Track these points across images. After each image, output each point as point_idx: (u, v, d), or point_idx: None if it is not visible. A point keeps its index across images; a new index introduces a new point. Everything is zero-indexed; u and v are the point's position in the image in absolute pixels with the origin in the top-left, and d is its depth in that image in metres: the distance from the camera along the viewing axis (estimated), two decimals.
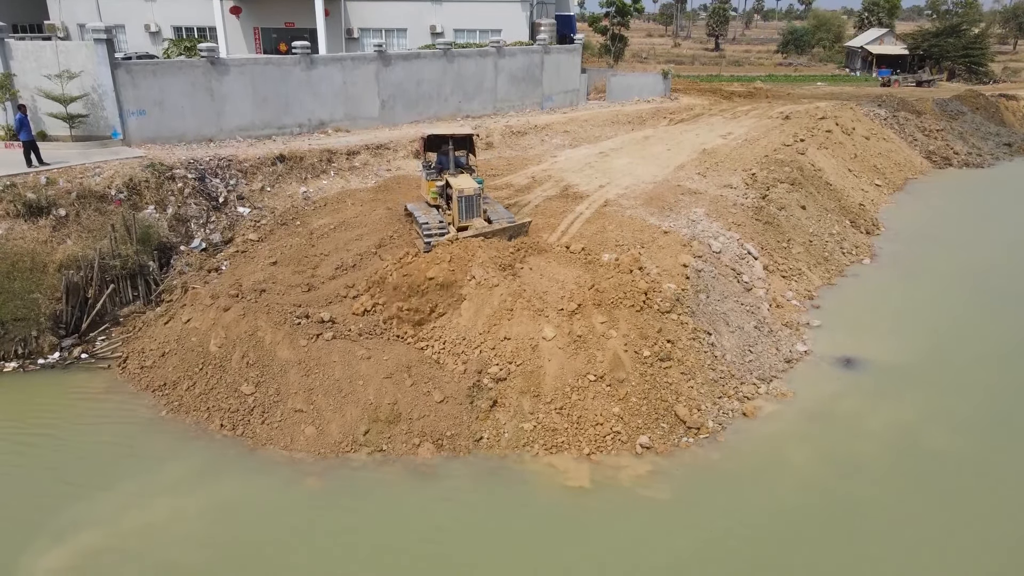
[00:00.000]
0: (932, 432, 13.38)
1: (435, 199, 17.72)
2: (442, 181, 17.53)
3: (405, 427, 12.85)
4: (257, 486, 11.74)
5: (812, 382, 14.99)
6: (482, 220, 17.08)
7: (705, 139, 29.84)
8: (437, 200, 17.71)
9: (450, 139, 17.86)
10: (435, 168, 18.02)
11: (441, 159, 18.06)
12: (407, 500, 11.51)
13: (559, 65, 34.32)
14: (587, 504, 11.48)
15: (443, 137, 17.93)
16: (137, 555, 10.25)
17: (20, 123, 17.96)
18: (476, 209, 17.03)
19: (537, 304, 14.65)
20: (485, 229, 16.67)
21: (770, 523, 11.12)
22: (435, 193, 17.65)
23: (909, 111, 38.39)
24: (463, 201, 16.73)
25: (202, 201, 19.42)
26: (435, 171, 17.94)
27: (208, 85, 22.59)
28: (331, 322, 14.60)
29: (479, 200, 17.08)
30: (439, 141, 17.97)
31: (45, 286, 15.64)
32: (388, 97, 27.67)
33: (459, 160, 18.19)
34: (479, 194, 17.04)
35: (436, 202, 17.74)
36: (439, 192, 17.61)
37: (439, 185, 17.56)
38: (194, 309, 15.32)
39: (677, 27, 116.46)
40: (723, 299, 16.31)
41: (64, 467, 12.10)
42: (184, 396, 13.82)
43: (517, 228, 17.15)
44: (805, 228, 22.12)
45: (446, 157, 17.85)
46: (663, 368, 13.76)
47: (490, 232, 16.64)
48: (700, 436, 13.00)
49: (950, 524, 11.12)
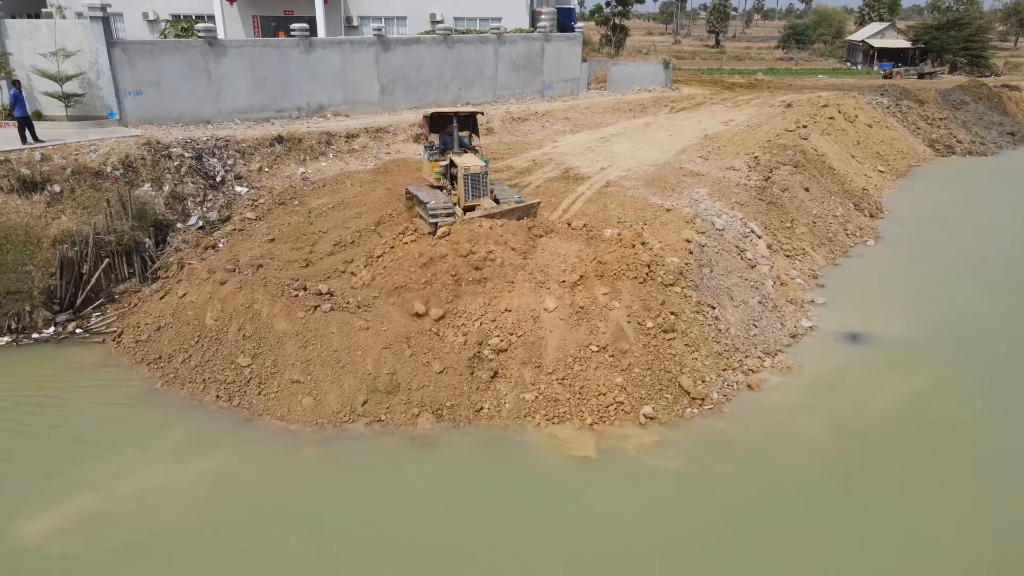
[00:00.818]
0: (941, 403, 13.15)
1: (438, 180, 17.12)
2: (446, 161, 16.98)
3: (404, 397, 12.62)
4: (254, 454, 11.53)
5: (818, 356, 14.76)
6: (490, 200, 16.47)
7: (707, 125, 29.62)
8: (441, 181, 17.10)
9: (454, 117, 17.28)
10: (438, 148, 17.44)
11: (445, 139, 17.51)
12: (407, 468, 11.28)
13: (559, 53, 34.10)
14: (593, 473, 11.24)
15: (447, 115, 17.35)
16: (133, 518, 10.06)
17: (15, 99, 17.74)
18: (483, 188, 16.44)
19: (539, 276, 14.44)
20: (493, 209, 16.07)
21: (782, 490, 10.89)
22: (438, 174, 17.05)
23: (912, 100, 38.18)
24: (469, 179, 16.15)
25: (199, 180, 19.19)
26: (438, 151, 17.36)
27: (206, 66, 22.38)
28: (329, 294, 14.38)
29: (486, 178, 16.47)
30: (443, 121, 17.35)
31: (39, 260, 15.41)
32: (388, 82, 27.45)
33: (463, 140, 17.63)
34: (486, 172, 16.45)
35: (440, 183, 17.13)
36: (443, 172, 17.02)
37: (443, 165, 16.99)
38: (190, 284, 15.07)
39: (677, 25, 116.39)
40: (727, 274, 16.08)
41: (58, 435, 11.89)
42: (179, 369, 13.60)
43: (526, 208, 16.61)
44: (808, 209, 21.89)
45: (450, 137, 17.30)
46: (666, 340, 13.53)
47: (498, 212, 16.03)
48: (704, 407, 12.77)
49: (962, 491, 10.89)
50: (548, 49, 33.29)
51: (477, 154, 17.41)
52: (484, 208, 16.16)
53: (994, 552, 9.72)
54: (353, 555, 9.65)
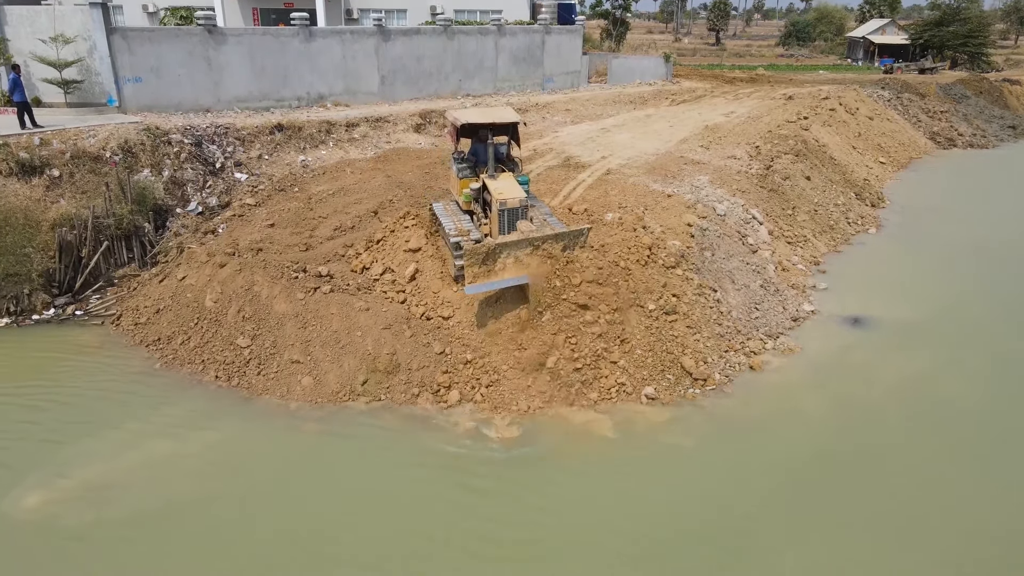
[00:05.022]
0: (946, 381, 13.10)
1: (468, 204, 14.28)
2: (478, 184, 13.97)
3: (404, 377, 12.55)
4: (254, 431, 11.48)
5: (820, 338, 14.69)
6: (528, 224, 13.30)
7: (708, 117, 29.56)
8: (471, 206, 14.30)
9: (490, 128, 14.03)
10: (469, 162, 14.53)
11: (477, 149, 14.51)
12: (412, 446, 11.20)
13: (560, 46, 34.06)
14: (606, 451, 11.17)
15: (481, 126, 14.14)
16: (137, 489, 10.07)
17: (14, 84, 17.67)
18: (523, 218, 13.44)
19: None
20: (533, 234, 12.88)
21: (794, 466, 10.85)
22: (468, 197, 14.16)
23: (913, 93, 38.12)
24: (506, 215, 13.16)
25: (199, 166, 19.13)
26: (469, 167, 14.42)
27: (205, 54, 22.32)
28: (329, 276, 14.31)
29: (525, 213, 13.40)
30: (476, 130, 14.36)
31: (38, 243, 15.35)
32: (388, 72, 27.40)
33: (499, 151, 14.48)
34: (526, 206, 13.39)
35: (469, 207, 14.33)
36: (474, 196, 14.14)
37: (474, 188, 14.02)
38: (189, 267, 15.02)
39: (678, 24, 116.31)
40: (728, 258, 16.01)
41: (59, 409, 11.90)
42: (179, 350, 13.53)
43: (574, 236, 13.22)
44: (810, 197, 21.82)
45: (484, 148, 14.15)
46: (668, 321, 13.46)
47: (539, 239, 12.82)
48: (707, 388, 12.70)
49: (967, 465, 10.87)
50: (549, 41, 33.24)
51: (516, 171, 14.49)
52: (522, 232, 13.06)
53: (998, 528, 9.64)
54: (359, 528, 9.57)
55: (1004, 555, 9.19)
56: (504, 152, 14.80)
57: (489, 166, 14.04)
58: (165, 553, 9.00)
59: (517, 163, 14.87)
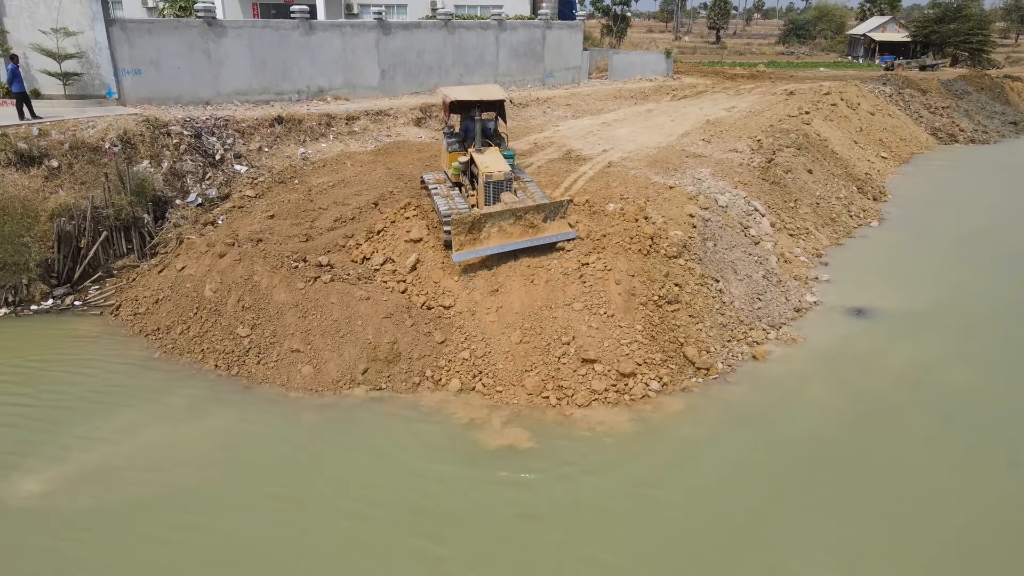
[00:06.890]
0: (950, 369, 13.07)
1: (456, 175, 15.43)
2: (466, 157, 15.02)
3: (405, 366, 12.47)
4: (255, 418, 11.40)
5: (823, 328, 14.63)
6: (511, 195, 14.42)
7: (709, 112, 29.48)
8: (459, 178, 15.41)
9: (478, 105, 15.21)
10: (459, 136, 15.63)
11: (467, 125, 15.64)
12: (412, 434, 11.11)
13: (561, 41, 33.96)
14: (605, 441, 11.08)
15: (470, 103, 15.30)
16: (136, 476, 10.01)
17: (12, 74, 17.57)
18: (506, 191, 14.57)
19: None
20: (515, 205, 13.95)
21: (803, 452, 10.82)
22: (457, 169, 15.33)
23: (915, 89, 38.04)
24: (491, 187, 14.23)
25: (198, 158, 19.03)
26: (458, 141, 15.54)
27: (205, 46, 22.21)
28: (329, 266, 14.22)
29: (509, 185, 14.51)
30: (466, 106, 15.49)
31: (36, 233, 15.25)
32: (388, 66, 27.30)
33: (487, 126, 15.67)
34: (510, 179, 14.48)
35: (458, 179, 15.44)
36: (462, 169, 15.26)
37: (463, 162, 15.13)
38: (189, 257, 14.93)
39: (678, 22, 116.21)
40: (731, 249, 15.93)
41: (60, 396, 11.83)
42: (178, 339, 13.45)
43: (553, 207, 14.16)
44: (812, 190, 21.74)
45: (472, 123, 15.34)
46: (671, 311, 13.38)
47: (521, 209, 13.82)
48: (710, 377, 12.63)
49: (978, 451, 10.85)
50: (549, 36, 33.15)
51: (503, 145, 15.64)
52: (505, 203, 14.17)
53: (1007, 513, 9.57)
54: (358, 515, 9.49)
55: (1014, 539, 9.11)
56: (492, 128, 15.87)
57: (476, 141, 15.14)
58: (164, 539, 8.92)
59: (503, 138, 16.00)
